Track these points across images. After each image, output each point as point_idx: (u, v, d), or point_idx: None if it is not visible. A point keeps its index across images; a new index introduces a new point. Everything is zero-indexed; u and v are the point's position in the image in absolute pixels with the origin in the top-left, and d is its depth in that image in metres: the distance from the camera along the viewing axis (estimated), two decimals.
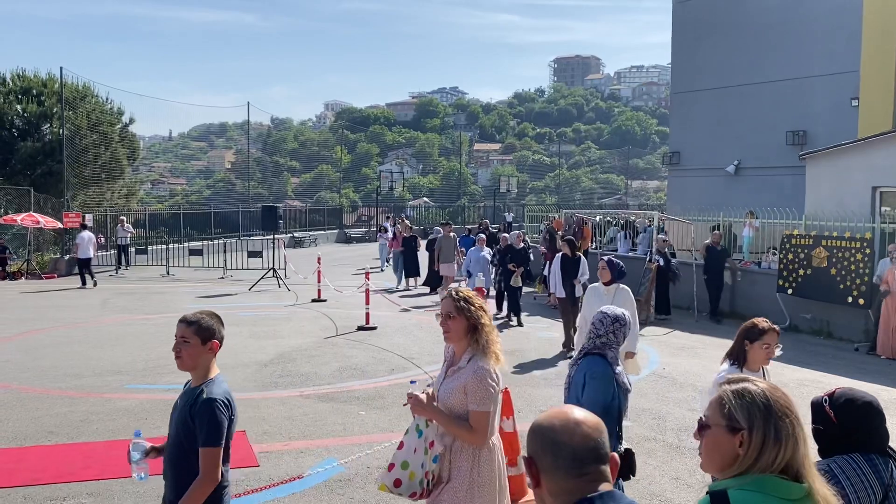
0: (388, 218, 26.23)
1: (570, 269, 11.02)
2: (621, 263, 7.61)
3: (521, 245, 14.31)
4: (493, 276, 15.49)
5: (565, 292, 11.10)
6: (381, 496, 5.63)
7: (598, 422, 1.73)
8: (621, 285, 7.45)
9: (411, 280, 19.33)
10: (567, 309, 11.18)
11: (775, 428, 1.77)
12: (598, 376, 3.87)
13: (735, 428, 1.78)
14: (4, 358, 10.34)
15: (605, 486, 1.67)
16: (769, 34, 20.64)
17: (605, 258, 7.67)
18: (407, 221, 22.87)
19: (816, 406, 2.76)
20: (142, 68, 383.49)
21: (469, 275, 14.99)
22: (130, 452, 3.25)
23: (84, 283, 19.12)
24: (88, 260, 19.44)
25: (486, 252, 15.31)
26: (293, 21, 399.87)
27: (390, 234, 22.26)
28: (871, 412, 2.71)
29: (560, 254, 11.38)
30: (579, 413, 1.74)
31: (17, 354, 10.60)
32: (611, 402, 3.86)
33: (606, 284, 7.50)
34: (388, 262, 22.44)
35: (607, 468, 1.69)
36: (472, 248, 15.47)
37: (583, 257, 11.32)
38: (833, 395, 2.77)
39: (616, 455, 1.73)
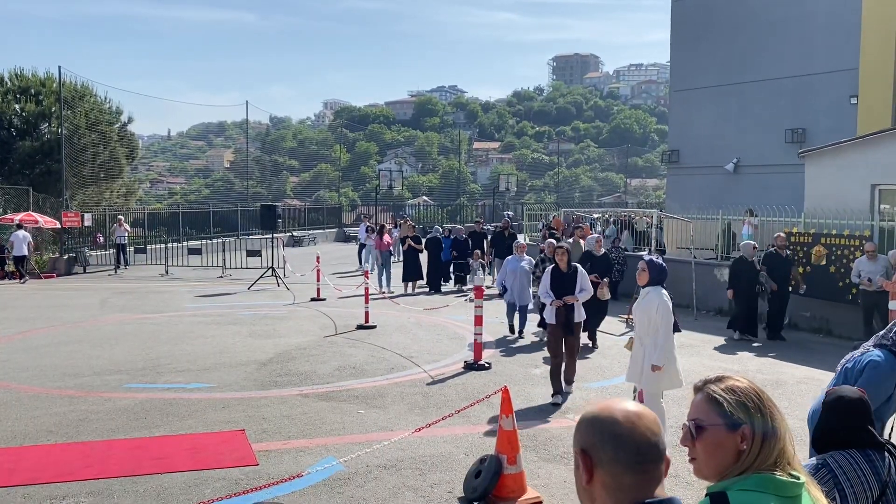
0: (364, 217, 25.27)
1: (564, 286, 8.45)
2: (662, 264, 6.59)
3: (603, 251, 11.87)
4: (533, 291, 12.22)
5: (555, 318, 8.38)
6: (380, 496, 5.63)
7: (656, 417, 1.67)
8: (662, 290, 6.50)
9: (407, 284, 18.38)
10: (557, 338, 8.43)
11: (771, 420, 1.77)
12: (879, 368, 3.74)
13: (735, 425, 1.76)
14: (3, 357, 10.33)
15: (660, 491, 1.59)
16: (768, 32, 20.64)
17: (647, 258, 6.69)
18: (410, 221, 21.87)
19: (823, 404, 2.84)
20: (140, 67, 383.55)
21: (504, 290, 12.37)
22: None
23: (23, 277, 20.29)
24: (23, 257, 20.49)
25: (527, 262, 12.33)
26: (292, 20, 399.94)
27: (375, 235, 19.85)
28: (857, 409, 2.76)
29: (551, 266, 8.74)
30: (635, 406, 1.66)
31: (17, 354, 10.59)
32: (882, 402, 3.70)
33: (644, 286, 6.59)
34: (374, 263, 19.64)
35: (663, 468, 1.62)
36: (511, 258, 12.50)
37: (581, 269, 8.71)
38: (828, 393, 2.87)
39: (669, 458, 1.65)
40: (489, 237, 19.24)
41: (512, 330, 12.37)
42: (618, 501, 1.58)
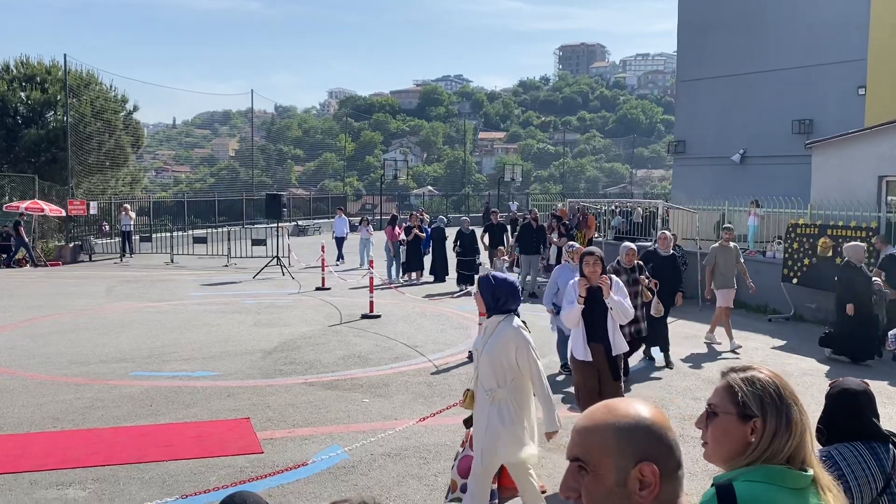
0: (340, 209, 25.50)
1: (593, 306, 5.96)
2: (508, 281, 4.54)
3: (671, 252, 9.80)
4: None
5: (586, 351, 6.01)
6: (384, 484, 5.66)
7: None
8: (515, 320, 4.49)
9: (413, 274, 18.40)
10: (589, 386, 5.99)
11: (786, 416, 1.76)
12: None
13: (748, 416, 1.77)
14: (10, 345, 10.38)
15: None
16: (776, 22, 20.51)
17: (481, 274, 4.78)
18: (421, 213, 21.16)
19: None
20: (145, 56, 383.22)
21: (557, 310, 8.34)
22: None
23: None
24: None
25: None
26: (297, 8, 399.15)
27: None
28: (858, 400, 2.77)
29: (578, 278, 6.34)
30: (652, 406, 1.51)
31: (23, 341, 10.64)
32: None
33: (487, 316, 4.59)
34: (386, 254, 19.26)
35: None
36: (560, 267, 9.03)
37: (619, 283, 6.15)
38: (832, 385, 2.88)
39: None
40: (516, 230, 17.24)
41: (567, 368, 8.70)
42: None
